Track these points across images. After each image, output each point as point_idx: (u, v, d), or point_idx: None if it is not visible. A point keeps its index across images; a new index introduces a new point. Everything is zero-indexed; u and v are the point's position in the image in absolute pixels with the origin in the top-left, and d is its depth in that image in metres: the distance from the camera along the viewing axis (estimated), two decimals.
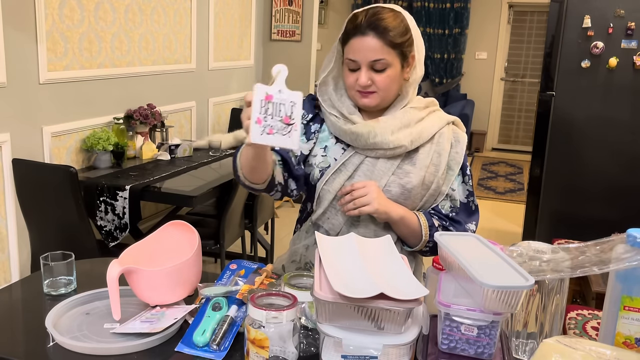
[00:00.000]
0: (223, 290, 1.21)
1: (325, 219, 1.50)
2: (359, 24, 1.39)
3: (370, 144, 1.43)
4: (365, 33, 1.38)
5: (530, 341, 1.15)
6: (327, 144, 1.51)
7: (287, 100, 1.04)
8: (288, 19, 5.39)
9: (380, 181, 1.44)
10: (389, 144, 1.42)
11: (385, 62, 1.38)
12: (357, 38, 1.39)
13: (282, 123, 1.04)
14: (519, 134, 8.33)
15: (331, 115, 1.49)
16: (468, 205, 1.51)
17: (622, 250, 1.03)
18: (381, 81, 1.40)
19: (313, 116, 1.54)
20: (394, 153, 1.44)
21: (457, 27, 7.93)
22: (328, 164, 1.49)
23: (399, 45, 1.39)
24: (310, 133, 1.53)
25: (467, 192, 1.51)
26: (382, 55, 1.38)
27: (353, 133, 1.44)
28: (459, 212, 1.50)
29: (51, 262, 1.36)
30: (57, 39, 3.01)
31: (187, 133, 4.35)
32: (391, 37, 1.38)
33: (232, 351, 1.11)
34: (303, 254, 1.55)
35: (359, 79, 1.40)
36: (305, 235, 1.56)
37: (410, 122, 1.44)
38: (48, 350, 1.13)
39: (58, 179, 2.54)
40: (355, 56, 1.39)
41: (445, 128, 1.49)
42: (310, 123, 1.54)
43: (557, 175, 3.92)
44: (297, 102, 1.05)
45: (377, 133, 1.42)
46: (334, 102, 1.49)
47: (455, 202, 1.50)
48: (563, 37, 3.75)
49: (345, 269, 1.08)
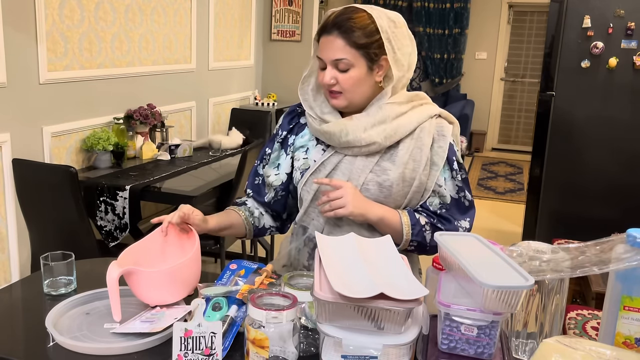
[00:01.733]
0: (223, 290, 1.21)
1: (309, 220, 1.51)
2: (328, 23, 1.39)
3: (343, 142, 1.42)
4: (330, 32, 1.38)
5: (530, 341, 1.15)
6: (308, 146, 1.52)
7: (207, 332, 1.07)
8: (288, 19, 5.39)
9: (359, 179, 1.43)
10: (361, 142, 1.41)
11: (347, 62, 1.37)
12: (324, 36, 1.39)
13: (203, 355, 1.07)
14: (519, 134, 8.33)
15: (309, 115, 1.50)
16: (459, 201, 1.47)
17: (622, 250, 1.03)
18: (344, 81, 1.39)
19: (288, 131, 1.57)
20: (368, 150, 1.43)
21: (457, 27, 7.93)
22: (308, 166, 1.50)
23: (364, 46, 1.36)
24: (287, 146, 1.56)
25: (457, 188, 1.46)
26: (343, 54, 1.37)
27: (326, 132, 1.44)
28: (449, 209, 1.46)
29: (51, 262, 1.36)
30: (57, 39, 3.01)
31: (187, 133, 4.35)
32: (355, 38, 1.36)
33: (232, 351, 1.11)
34: (295, 257, 1.56)
35: (324, 77, 1.40)
36: (293, 238, 1.57)
37: (385, 119, 1.41)
38: (48, 350, 1.13)
39: (58, 179, 2.54)
40: (321, 54, 1.40)
41: (427, 122, 1.44)
42: (287, 136, 1.56)
43: (557, 175, 3.92)
44: (217, 332, 1.07)
45: (348, 131, 1.41)
46: (310, 102, 1.49)
47: (445, 198, 1.45)
48: (563, 37, 3.75)
49: (345, 269, 1.08)
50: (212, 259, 3.92)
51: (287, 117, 1.59)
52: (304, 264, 1.53)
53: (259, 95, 5.32)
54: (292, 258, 1.56)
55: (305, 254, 1.53)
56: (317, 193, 1.47)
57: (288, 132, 1.57)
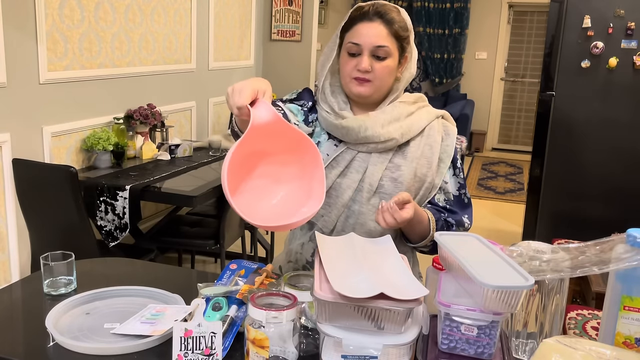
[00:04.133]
0: (223, 290, 1.21)
1: (318, 216, 1.49)
2: (367, 11, 1.42)
3: (362, 137, 1.43)
4: (372, 19, 1.41)
5: (530, 341, 1.15)
6: (319, 139, 1.52)
7: (207, 332, 1.07)
8: (288, 19, 5.39)
9: (374, 176, 1.44)
10: (380, 137, 1.43)
11: (387, 50, 1.40)
12: (364, 23, 1.41)
13: (203, 355, 1.07)
14: (519, 134, 8.33)
15: (323, 110, 1.50)
16: (460, 197, 1.53)
17: (622, 250, 1.03)
18: (380, 69, 1.41)
19: (312, 105, 1.54)
20: (385, 146, 1.44)
21: (457, 27, 7.93)
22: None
23: (401, 39, 1.43)
24: (309, 122, 1.54)
25: (458, 185, 1.52)
26: (386, 42, 1.40)
27: (344, 127, 1.44)
28: (453, 205, 1.52)
29: (51, 262, 1.36)
30: (57, 39, 3.01)
31: (187, 133, 4.35)
32: (396, 28, 1.41)
33: (232, 351, 1.11)
34: (299, 252, 1.55)
35: (360, 63, 1.40)
36: (300, 233, 1.56)
37: (399, 116, 1.46)
38: (48, 350, 1.13)
39: (58, 179, 2.54)
40: (359, 40, 1.40)
41: (435, 122, 1.51)
42: (309, 113, 1.54)
43: (557, 175, 3.92)
44: (217, 332, 1.07)
45: (367, 127, 1.42)
46: (326, 96, 1.49)
47: (449, 194, 1.52)
48: (563, 37, 3.75)
49: (345, 269, 1.08)
50: (212, 259, 3.92)
51: (308, 93, 1.56)
52: (307, 260, 1.53)
53: None
54: (296, 254, 1.56)
55: (309, 249, 1.53)
56: (330, 189, 1.45)
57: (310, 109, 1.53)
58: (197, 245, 3.16)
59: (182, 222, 3.34)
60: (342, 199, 1.45)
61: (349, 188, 1.45)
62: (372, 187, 1.44)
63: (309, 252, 1.53)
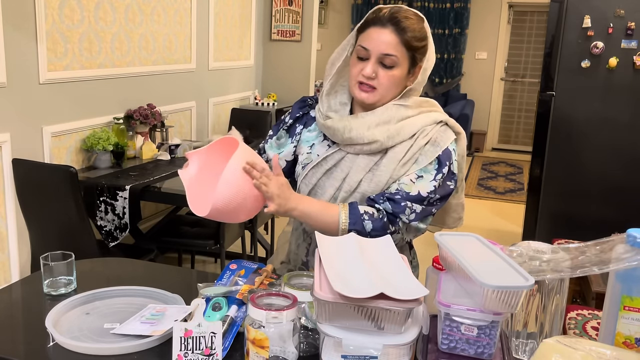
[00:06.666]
0: (223, 290, 1.21)
1: None
2: (382, 16, 1.38)
3: (346, 138, 1.42)
4: (385, 25, 1.37)
5: (530, 341, 1.15)
6: (314, 141, 1.52)
7: (207, 332, 1.07)
8: (288, 19, 5.39)
9: (355, 176, 1.43)
10: (363, 139, 1.40)
11: (395, 59, 1.37)
12: (376, 28, 1.38)
13: (203, 355, 1.07)
14: (519, 134, 8.33)
15: (318, 110, 1.50)
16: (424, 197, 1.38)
17: (622, 250, 1.03)
18: (384, 77, 1.38)
19: (298, 117, 1.56)
20: (370, 149, 1.41)
21: (457, 27, 7.93)
22: (311, 160, 1.50)
23: (413, 49, 1.38)
24: (294, 134, 1.55)
25: (433, 188, 1.38)
26: (394, 51, 1.36)
27: (330, 128, 1.44)
28: (406, 197, 1.38)
29: (51, 262, 1.36)
30: (57, 39, 3.01)
31: (187, 133, 4.35)
32: (408, 38, 1.36)
33: (232, 351, 1.11)
34: (294, 252, 1.55)
35: (364, 69, 1.38)
36: (291, 233, 1.57)
37: (390, 119, 1.41)
38: (48, 350, 1.13)
39: (58, 179, 2.54)
40: (368, 45, 1.38)
41: (429, 127, 1.42)
42: (295, 124, 1.56)
43: (557, 175, 3.92)
44: (217, 332, 1.07)
45: (352, 128, 1.41)
46: (322, 96, 1.49)
47: (407, 186, 1.38)
48: (563, 37, 3.75)
49: (345, 269, 1.08)
50: (212, 259, 3.92)
51: (297, 104, 1.59)
52: (302, 260, 1.53)
53: (258, 95, 5.32)
54: (291, 253, 1.56)
55: (303, 249, 1.53)
56: (315, 187, 1.47)
57: (295, 121, 1.56)
58: (197, 245, 3.16)
59: (182, 222, 3.34)
60: (324, 198, 1.45)
61: (331, 187, 1.45)
62: (351, 187, 1.43)
63: (303, 251, 1.54)
